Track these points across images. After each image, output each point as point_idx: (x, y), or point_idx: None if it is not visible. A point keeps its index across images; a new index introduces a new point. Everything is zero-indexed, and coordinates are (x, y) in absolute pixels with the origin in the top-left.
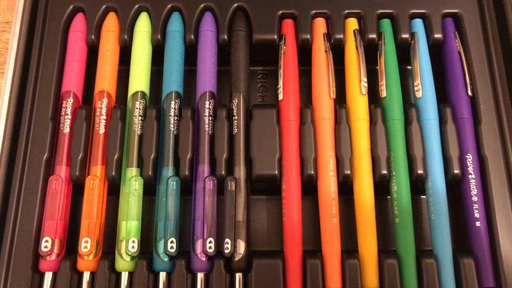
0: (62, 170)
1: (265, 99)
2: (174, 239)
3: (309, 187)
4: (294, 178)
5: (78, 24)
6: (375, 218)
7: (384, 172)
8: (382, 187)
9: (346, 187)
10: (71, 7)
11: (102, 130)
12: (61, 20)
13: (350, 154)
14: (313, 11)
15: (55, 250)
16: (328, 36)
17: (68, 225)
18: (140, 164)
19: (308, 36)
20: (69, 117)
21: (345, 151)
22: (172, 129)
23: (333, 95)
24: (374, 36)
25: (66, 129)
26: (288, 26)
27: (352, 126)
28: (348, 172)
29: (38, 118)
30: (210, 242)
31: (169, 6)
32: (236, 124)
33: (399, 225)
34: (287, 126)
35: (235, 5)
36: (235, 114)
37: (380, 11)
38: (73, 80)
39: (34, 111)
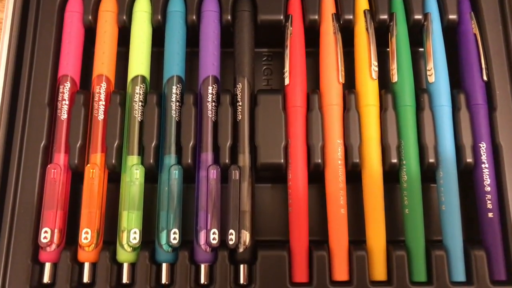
0: (60, 158)
1: (270, 83)
2: (176, 230)
3: (316, 176)
4: (300, 167)
5: (74, 4)
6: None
7: (394, 161)
8: (391, 175)
9: (354, 176)
10: None
11: (101, 116)
12: (57, 0)
13: (359, 142)
14: None
15: (55, 241)
16: (337, 16)
17: (68, 215)
18: (141, 152)
19: (316, 17)
20: (67, 102)
21: (354, 138)
22: (174, 115)
23: (341, 80)
24: (385, 17)
25: (63, 115)
26: (295, 6)
27: (362, 113)
28: (357, 160)
29: (35, 104)
30: (214, 233)
31: None
32: (240, 110)
33: (408, 216)
34: (293, 112)
35: None
36: (239, 99)
37: None
38: (70, 64)
39: (30, 96)
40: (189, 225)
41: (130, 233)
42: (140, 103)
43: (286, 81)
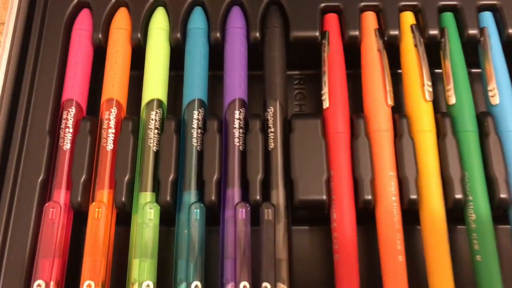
0: (61, 195)
1: (303, 109)
2: (198, 283)
3: (365, 215)
4: (347, 204)
5: (83, 21)
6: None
7: (459, 196)
8: (454, 214)
9: (410, 215)
10: (75, 1)
11: (110, 146)
12: (63, 16)
13: (415, 174)
14: (362, 4)
15: None
16: (381, 32)
17: (67, 264)
18: (156, 188)
19: (357, 33)
20: (71, 130)
21: (409, 170)
22: (195, 144)
23: (390, 102)
24: (436, 32)
25: (66, 144)
26: (331, 21)
27: (416, 140)
28: (415, 196)
29: (33, 132)
30: (244, 287)
31: None
32: (272, 137)
33: (481, 264)
34: (335, 139)
35: None
36: (270, 125)
37: (442, 3)
38: (75, 87)
39: (28, 123)
40: (213, 277)
41: (142, 286)
42: (156, 131)
43: (325, 104)
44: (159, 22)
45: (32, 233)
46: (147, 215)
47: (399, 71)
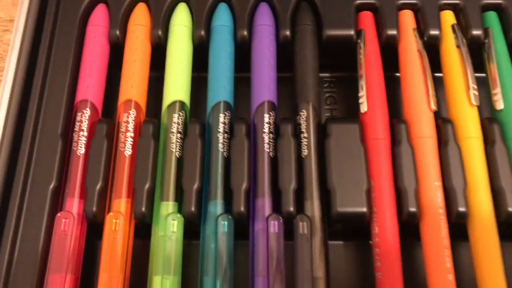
0: (74, 205)
1: (335, 114)
2: None
3: (408, 228)
4: (389, 217)
5: (99, 17)
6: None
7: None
8: (507, 228)
9: (458, 229)
10: None
11: (128, 151)
12: (78, 12)
13: (463, 185)
14: (399, 1)
15: None
16: (420, 32)
17: (80, 280)
18: (179, 197)
19: (395, 32)
20: (85, 133)
21: (457, 180)
22: (222, 149)
23: (434, 106)
24: (479, 32)
25: (80, 149)
26: (366, 19)
27: (462, 147)
28: (463, 209)
29: (44, 135)
30: None
31: None
32: (306, 143)
33: None
34: (374, 146)
35: None
36: (303, 130)
37: (485, 1)
38: (91, 86)
39: (39, 125)
40: None
41: None
42: (179, 135)
43: (363, 108)
44: (181, 19)
45: (42, 246)
46: (169, 227)
47: (438, 74)
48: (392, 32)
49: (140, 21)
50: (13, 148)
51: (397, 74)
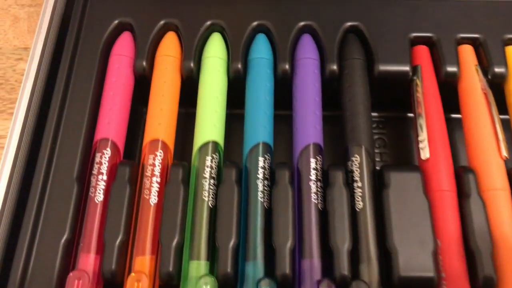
0: (89, 261)
1: (385, 158)
2: None
3: None
4: (462, 283)
5: (124, 46)
6: None
7: None
8: None
9: None
10: (115, 22)
11: (154, 199)
12: (101, 40)
13: None
14: (458, 35)
15: None
16: (483, 69)
17: None
18: (212, 256)
19: (455, 69)
20: (105, 177)
21: None
22: (262, 199)
23: (505, 154)
24: None
25: (98, 195)
26: (422, 54)
27: None
28: None
29: (58, 178)
30: None
31: (253, 24)
32: (360, 194)
33: None
34: (439, 198)
35: (347, 24)
36: (357, 178)
37: None
38: (112, 123)
39: (53, 167)
40: None
41: None
42: (212, 181)
43: (424, 155)
44: (216, 50)
45: None
46: None
47: (504, 116)
48: (452, 68)
49: (169, 51)
50: (21, 192)
51: (455, 115)
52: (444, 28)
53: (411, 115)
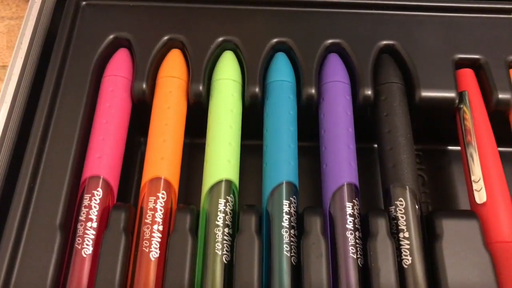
0: None
1: (426, 199)
2: None
3: None
4: None
5: (120, 65)
6: None
7: None
8: None
9: None
10: (110, 37)
11: (155, 253)
12: (93, 58)
13: None
14: (510, 57)
15: None
16: None
17: None
18: None
19: (508, 96)
20: (94, 225)
21: None
22: (288, 253)
23: None
24: None
25: (87, 248)
26: (467, 79)
27: None
28: None
29: (37, 226)
30: None
31: (272, 41)
32: (407, 246)
33: None
34: (500, 251)
35: (381, 43)
36: (402, 227)
37: None
38: (105, 158)
39: (30, 212)
40: None
41: None
42: (227, 230)
43: (480, 198)
44: (229, 71)
45: None
46: None
47: None
48: (505, 96)
49: (174, 72)
50: None
51: (504, 149)
52: (492, 48)
53: (452, 148)
